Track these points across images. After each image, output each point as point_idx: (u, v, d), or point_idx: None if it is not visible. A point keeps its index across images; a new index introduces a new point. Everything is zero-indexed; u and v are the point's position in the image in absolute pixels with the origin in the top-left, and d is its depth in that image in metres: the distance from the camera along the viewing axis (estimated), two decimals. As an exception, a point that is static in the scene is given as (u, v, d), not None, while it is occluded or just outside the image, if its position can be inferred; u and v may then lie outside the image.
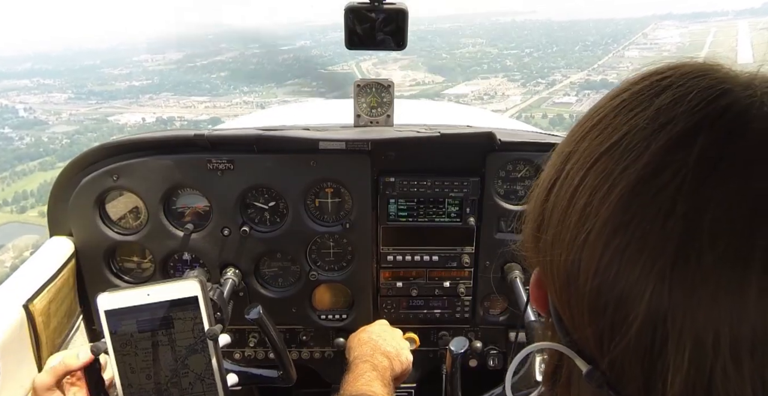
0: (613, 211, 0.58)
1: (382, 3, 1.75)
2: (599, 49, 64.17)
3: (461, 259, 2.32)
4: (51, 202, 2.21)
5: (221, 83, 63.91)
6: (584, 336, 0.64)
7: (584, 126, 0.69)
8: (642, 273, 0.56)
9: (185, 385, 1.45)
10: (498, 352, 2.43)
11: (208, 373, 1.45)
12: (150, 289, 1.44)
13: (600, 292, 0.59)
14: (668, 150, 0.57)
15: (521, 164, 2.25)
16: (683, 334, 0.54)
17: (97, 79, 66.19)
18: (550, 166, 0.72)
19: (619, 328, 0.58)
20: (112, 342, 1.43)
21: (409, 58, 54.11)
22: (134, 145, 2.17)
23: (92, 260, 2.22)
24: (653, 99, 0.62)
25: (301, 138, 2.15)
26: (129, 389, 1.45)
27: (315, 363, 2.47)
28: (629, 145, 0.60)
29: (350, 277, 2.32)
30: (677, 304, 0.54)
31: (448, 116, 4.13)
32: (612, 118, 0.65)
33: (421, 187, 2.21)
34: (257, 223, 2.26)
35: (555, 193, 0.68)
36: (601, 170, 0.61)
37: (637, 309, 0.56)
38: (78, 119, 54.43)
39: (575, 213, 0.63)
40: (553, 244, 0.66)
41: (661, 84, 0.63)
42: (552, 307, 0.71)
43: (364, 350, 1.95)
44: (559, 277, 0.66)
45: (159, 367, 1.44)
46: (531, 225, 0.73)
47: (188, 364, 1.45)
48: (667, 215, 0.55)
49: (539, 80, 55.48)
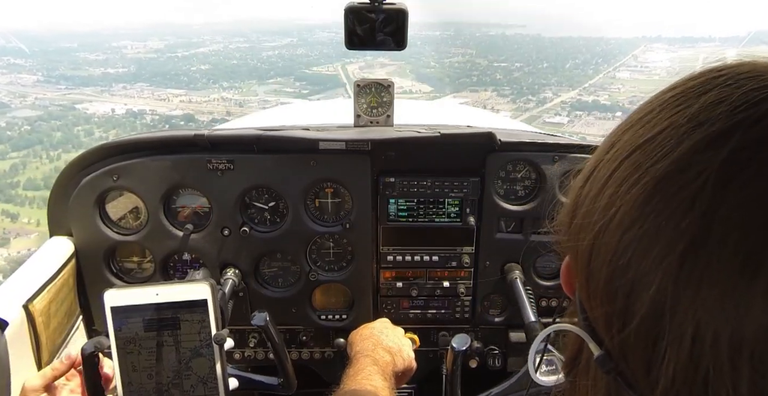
0: (636, 202, 0.60)
1: (382, 3, 1.75)
2: (590, 68, 63.48)
3: (461, 259, 2.32)
4: (51, 202, 2.21)
5: (200, 77, 61.52)
6: (596, 317, 0.66)
7: (632, 118, 0.70)
8: (652, 265, 0.57)
9: (187, 387, 1.45)
10: (498, 352, 2.43)
11: (211, 377, 1.45)
12: (159, 288, 1.44)
13: (613, 277, 0.61)
14: (698, 149, 0.58)
15: (521, 164, 2.25)
16: (683, 330, 0.54)
17: (70, 63, 62.70)
18: (594, 155, 0.74)
19: (627, 315, 0.60)
20: (116, 339, 1.43)
21: (397, 64, 52.10)
22: (134, 145, 2.17)
23: (92, 260, 2.22)
24: (700, 96, 0.62)
25: (301, 138, 2.15)
26: (129, 387, 1.44)
27: (315, 363, 2.47)
28: (663, 141, 0.61)
29: (350, 277, 2.32)
30: (681, 300, 0.55)
31: (448, 116, 4.13)
32: (657, 113, 0.66)
33: (421, 187, 2.21)
34: (257, 223, 2.26)
35: (591, 179, 0.70)
36: (633, 162, 0.63)
37: (643, 299, 0.57)
38: (43, 104, 49.80)
39: (603, 200, 0.64)
40: (581, 228, 0.68)
41: (713, 82, 0.63)
42: (577, 293, 0.73)
43: (365, 345, 1.94)
44: (582, 260, 0.68)
45: (162, 368, 1.44)
46: (566, 209, 0.75)
47: (192, 366, 1.45)
48: (684, 212, 0.56)
49: (530, 97, 54.44)
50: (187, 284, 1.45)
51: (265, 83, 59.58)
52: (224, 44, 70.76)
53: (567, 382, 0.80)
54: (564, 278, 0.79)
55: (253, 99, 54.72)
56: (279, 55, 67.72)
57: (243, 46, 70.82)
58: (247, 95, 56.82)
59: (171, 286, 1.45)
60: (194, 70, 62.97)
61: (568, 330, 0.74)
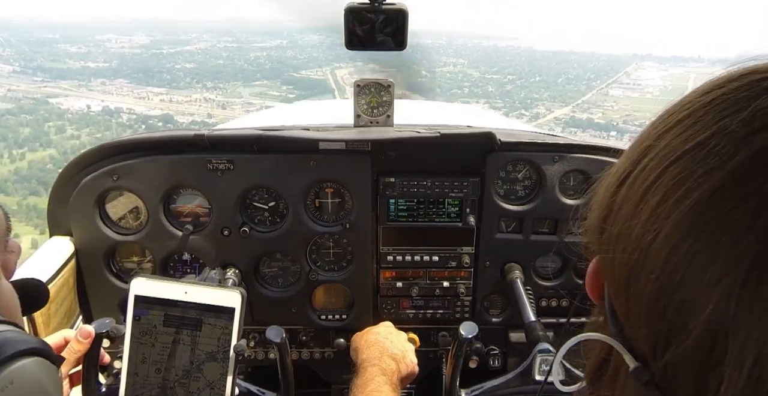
0: (687, 214, 0.55)
1: (382, 3, 1.75)
2: (582, 84, 62.52)
3: (461, 259, 2.32)
4: (51, 202, 2.21)
5: (184, 75, 58.90)
6: (638, 335, 0.63)
7: (668, 120, 0.65)
8: (709, 284, 0.53)
9: (193, 388, 1.44)
10: (498, 352, 2.43)
11: (221, 384, 1.45)
12: (189, 287, 1.44)
13: (660, 295, 0.57)
14: (758, 160, 0.53)
15: (521, 164, 2.26)
16: (744, 352, 0.51)
17: (50, 55, 59.50)
18: (625, 158, 0.69)
19: (677, 335, 0.56)
20: (132, 328, 1.43)
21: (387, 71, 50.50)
22: (134, 145, 2.17)
23: (92, 260, 2.22)
24: (751, 101, 0.57)
25: (301, 138, 2.15)
26: (133, 377, 1.44)
27: (315, 363, 2.47)
28: (716, 148, 0.56)
29: (350, 277, 2.32)
30: (742, 323, 0.51)
31: (448, 116, 4.13)
32: (701, 116, 0.60)
33: (421, 187, 2.21)
34: (257, 223, 2.26)
35: (628, 185, 0.65)
36: (681, 170, 0.58)
37: (698, 318, 0.53)
38: (16, 96, 46.87)
39: (646, 211, 0.60)
40: (619, 238, 0.64)
41: (762, 85, 0.58)
42: (608, 301, 0.69)
43: (372, 353, 1.94)
44: (620, 273, 0.64)
45: (172, 364, 1.44)
46: (597, 214, 0.70)
47: (203, 369, 1.44)
48: (746, 229, 0.51)
49: (523, 112, 52.99)
50: (219, 289, 1.45)
51: (250, 85, 57.86)
52: (212, 43, 68.59)
53: (590, 393, 0.77)
54: (591, 283, 0.75)
55: (237, 101, 53.08)
56: (267, 56, 65.88)
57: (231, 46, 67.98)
58: (230, 96, 55.02)
59: (202, 287, 1.45)
60: (178, 68, 60.76)
61: (597, 339, 0.70)
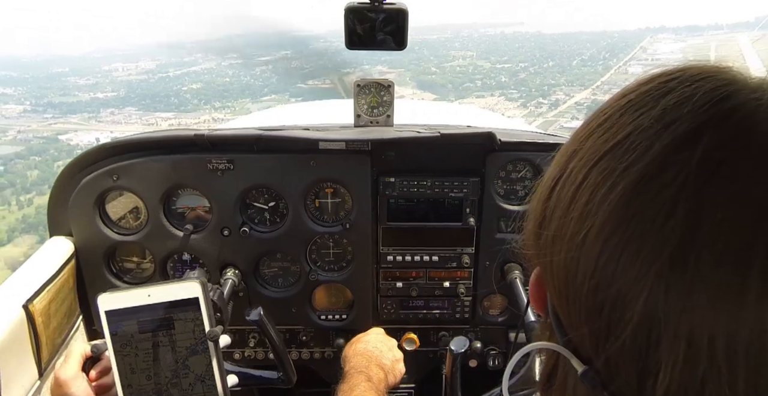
0: (614, 209, 0.58)
1: (382, 3, 1.75)
2: (599, 65, 60.31)
3: (461, 260, 2.32)
4: (51, 202, 2.21)
5: (191, 97, 57.86)
6: (581, 335, 0.64)
7: (590, 125, 0.68)
8: (639, 273, 0.55)
9: (185, 385, 1.45)
10: (498, 353, 2.43)
11: (209, 374, 1.45)
12: (150, 289, 1.43)
13: (597, 290, 0.59)
14: (672, 150, 0.57)
15: (521, 164, 2.25)
16: (677, 335, 0.53)
17: (60, 90, 58.62)
18: (554, 165, 0.71)
19: (615, 328, 0.58)
20: (113, 342, 1.43)
21: (396, 71, 48.74)
22: (134, 145, 2.17)
23: (92, 260, 2.22)
24: (659, 99, 0.62)
25: (301, 138, 2.15)
26: (129, 390, 1.44)
27: (315, 363, 2.47)
28: (633, 144, 0.60)
29: (350, 278, 2.32)
30: (673, 306, 0.53)
31: (448, 116, 4.13)
32: (618, 118, 0.64)
33: (421, 187, 2.21)
34: (257, 223, 2.26)
35: (558, 190, 0.67)
36: (603, 168, 0.61)
37: (633, 309, 0.56)
38: (26, 138, 46.33)
39: (576, 210, 0.62)
40: (554, 241, 0.66)
41: (668, 85, 0.63)
42: (550, 307, 0.71)
43: (359, 361, 1.95)
44: (558, 275, 0.65)
45: (159, 368, 1.44)
46: (533, 223, 0.72)
47: (189, 365, 1.45)
48: (667, 216, 0.54)
49: (541, 100, 51.11)
50: (178, 283, 1.45)
51: (258, 101, 56.12)
52: (217, 61, 66.88)
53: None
54: (534, 293, 0.76)
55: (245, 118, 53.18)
56: (273, 69, 64.13)
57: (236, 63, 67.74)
58: (239, 114, 52.29)
59: (162, 286, 1.45)
60: (185, 90, 59.92)
61: (545, 348, 0.71)
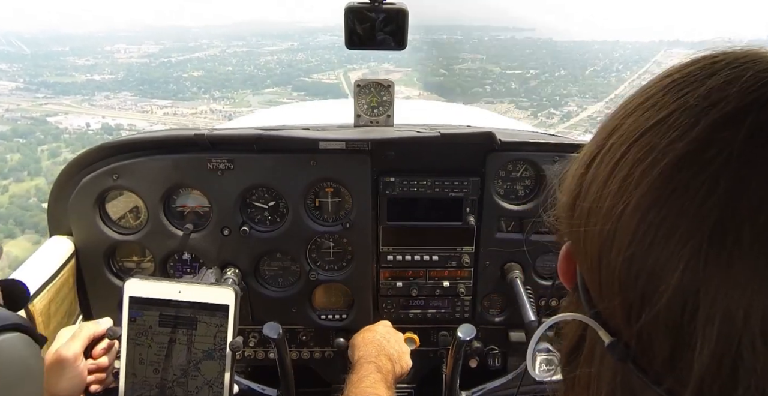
0: (654, 183, 0.59)
1: (382, 3, 1.75)
2: (612, 76, 59.48)
3: (461, 259, 2.32)
4: (51, 202, 2.21)
5: (191, 85, 56.11)
6: (611, 307, 0.64)
7: (630, 103, 0.69)
8: (677, 247, 0.56)
9: (192, 387, 1.44)
10: (498, 352, 2.43)
11: (218, 382, 1.44)
12: (182, 286, 1.43)
13: (632, 262, 0.60)
14: (716, 128, 0.57)
15: (521, 164, 2.26)
16: (714, 308, 0.54)
17: (56, 69, 56.35)
18: (591, 142, 0.72)
19: (649, 299, 0.58)
20: (128, 329, 1.43)
21: (403, 71, 46.80)
22: (134, 145, 2.17)
23: (92, 260, 2.22)
24: (705, 80, 0.62)
25: (301, 138, 2.15)
26: (132, 378, 1.44)
27: (315, 363, 2.47)
28: (677, 121, 0.60)
29: (350, 277, 2.32)
30: (710, 280, 0.54)
31: (448, 116, 4.13)
32: (661, 97, 0.65)
33: (421, 186, 2.21)
34: (257, 222, 2.26)
35: (596, 165, 0.68)
36: (645, 144, 0.62)
37: (669, 281, 0.56)
38: (13, 117, 43.28)
39: (615, 184, 0.63)
40: (590, 214, 0.66)
41: (714, 66, 0.63)
42: (580, 279, 0.72)
43: (369, 350, 1.94)
44: (592, 247, 0.66)
45: (169, 364, 1.44)
46: (567, 196, 0.73)
47: (201, 368, 1.44)
48: (708, 191, 0.55)
49: (552, 110, 50.24)
50: (213, 287, 1.45)
51: (260, 93, 55.24)
52: (222, 49, 65.73)
53: (566, 374, 0.78)
54: (563, 268, 0.77)
55: (245, 111, 49.17)
56: (277, 60, 63.51)
57: (241, 51, 63.79)
58: (239, 106, 51.58)
59: (195, 286, 1.44)
60: (185, 77, 58.27)
61: (571, 319, 0.72)
